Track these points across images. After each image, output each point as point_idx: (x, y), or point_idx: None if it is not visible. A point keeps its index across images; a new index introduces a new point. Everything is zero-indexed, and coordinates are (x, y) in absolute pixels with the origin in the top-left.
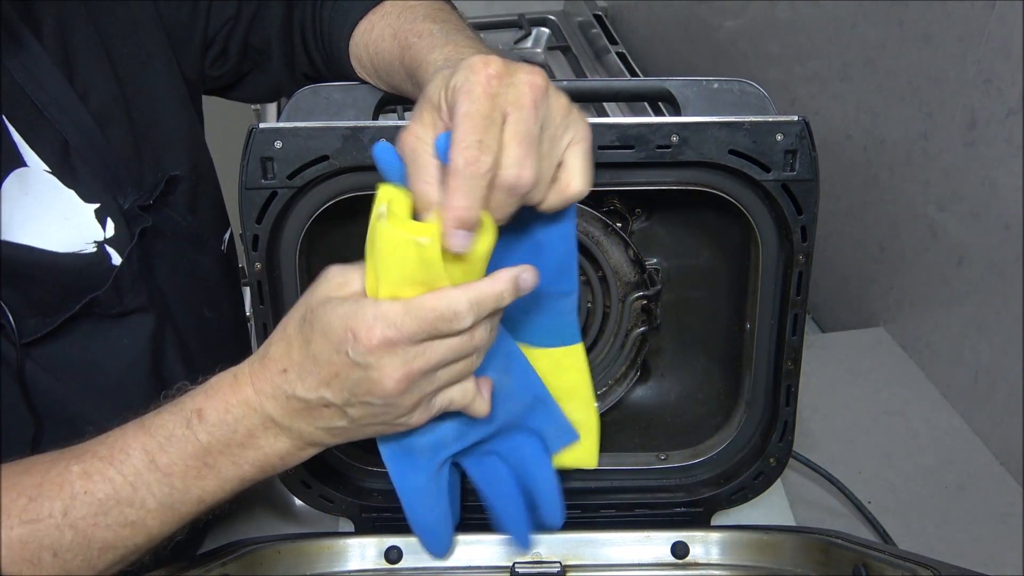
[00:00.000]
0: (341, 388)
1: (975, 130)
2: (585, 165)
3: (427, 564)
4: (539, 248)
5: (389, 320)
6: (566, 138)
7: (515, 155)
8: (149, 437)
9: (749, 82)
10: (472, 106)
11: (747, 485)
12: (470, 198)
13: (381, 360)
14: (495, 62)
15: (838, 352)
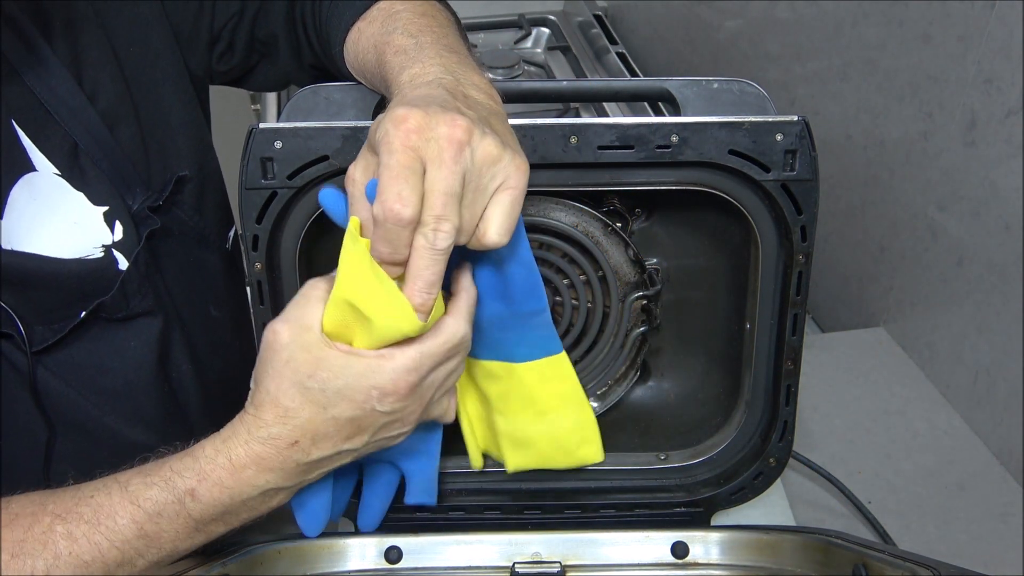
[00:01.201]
0: (364, 436)
1: (975, 130)
2: (506, 216)
3: (427, 564)
4: (500, 271)
5: (410, 367)
6: (492, 187)
7: (433, 212)
8: (138, 509)
9: (749, 82)
10: (391, 159)
11: (747, 485)
12: (392, 245)
13: (407, 402)
14: (415, 116)
15: (838, 352)
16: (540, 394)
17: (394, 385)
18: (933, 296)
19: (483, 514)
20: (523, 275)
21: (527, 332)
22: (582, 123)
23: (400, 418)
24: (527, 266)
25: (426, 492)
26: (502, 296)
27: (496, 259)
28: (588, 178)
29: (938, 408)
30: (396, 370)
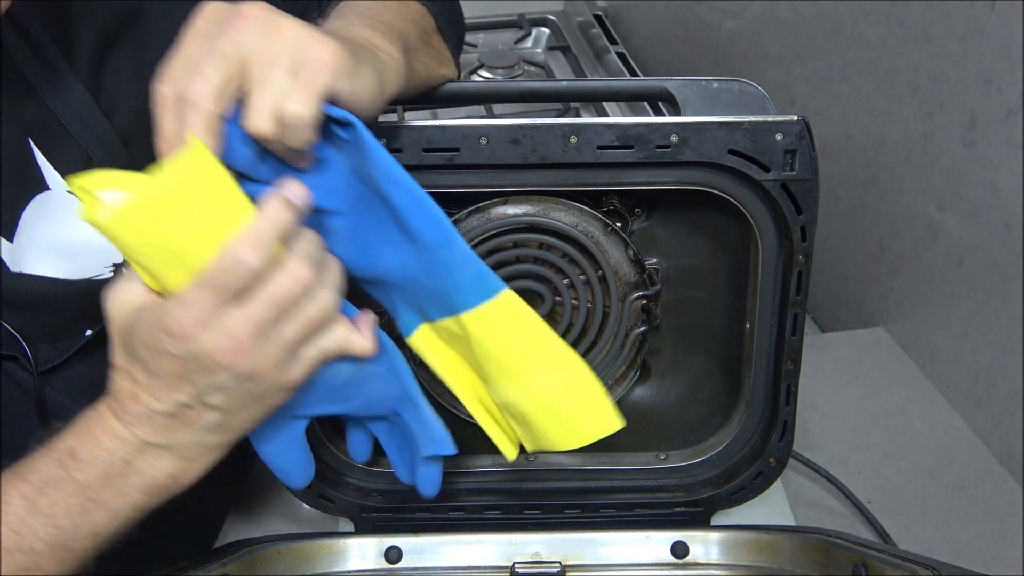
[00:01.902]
0: (188, 385)
1: (975, 130)
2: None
3: (427, 564)
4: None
5: (186, 303)
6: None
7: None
8: (25, 483)
9: (749, 82)
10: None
11: (747, 485)
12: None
13: (202, 342)
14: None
15: (838, 352)
16: (498, 350)
17: (176, 323)
18: (933, 296)
19: (483, 514)
20: (402, 197)
21: (452, 275)
22: (582, 123)
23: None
24: (403, 185)
25: (434, 441)
26: (402, 231)
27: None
28: (588, 178)
29: (938, 408)
30: (174, 305)
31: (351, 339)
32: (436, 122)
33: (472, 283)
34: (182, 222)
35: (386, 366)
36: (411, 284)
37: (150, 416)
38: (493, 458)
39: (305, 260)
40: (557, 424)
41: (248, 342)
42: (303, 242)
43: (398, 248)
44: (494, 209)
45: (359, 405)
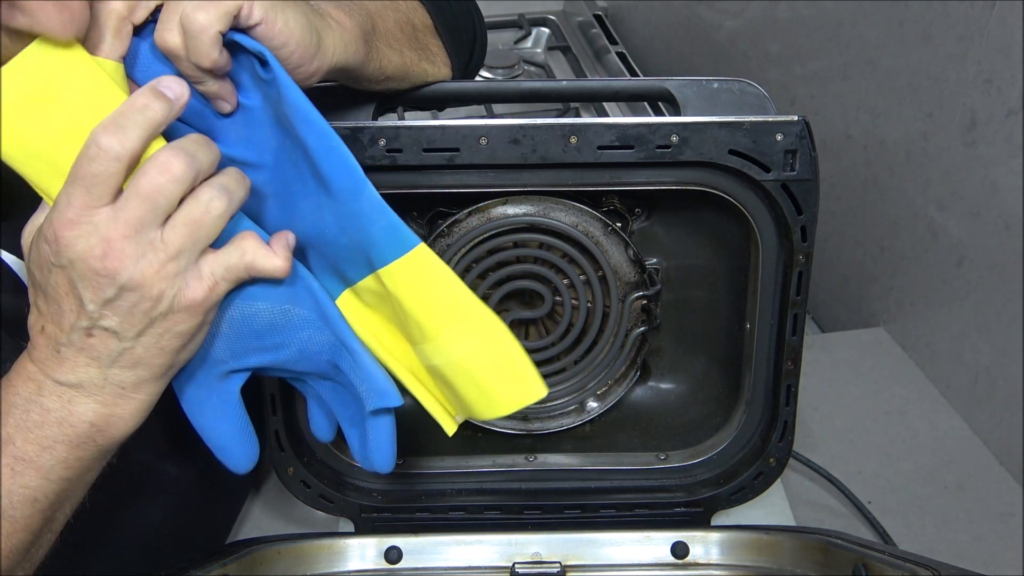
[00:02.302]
0: (79, 302)
1: (975, 130)
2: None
3: (427, 564)
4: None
5: (58, 204)
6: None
7: None
8: None
9: (749, 82)
10: None
11: (747, 485)
12: None
13: (73, 244)
14: None
15: (838, 352)
16: (416, 308)
17: (52, 230)
18: (933, 296)
19: (483, 514)
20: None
21: (364, 226)
22: (582, 123)
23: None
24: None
25: (377, 392)
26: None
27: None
28: (588, 178)
29: (938, 408)
30: (51, 213)
31: (259, 255)
32: (436, 122)
33: (385, 237)
34: (51, 121)
35: (313, 310)
36: (328, 242)
37: (56, 350)
38: (493, 458)
39: (179, 153)
40: (480, 390)
41: (121, 243)
42: (186, 141)
43: (314, 201)
44: (494, 209)
45: (292, 356)
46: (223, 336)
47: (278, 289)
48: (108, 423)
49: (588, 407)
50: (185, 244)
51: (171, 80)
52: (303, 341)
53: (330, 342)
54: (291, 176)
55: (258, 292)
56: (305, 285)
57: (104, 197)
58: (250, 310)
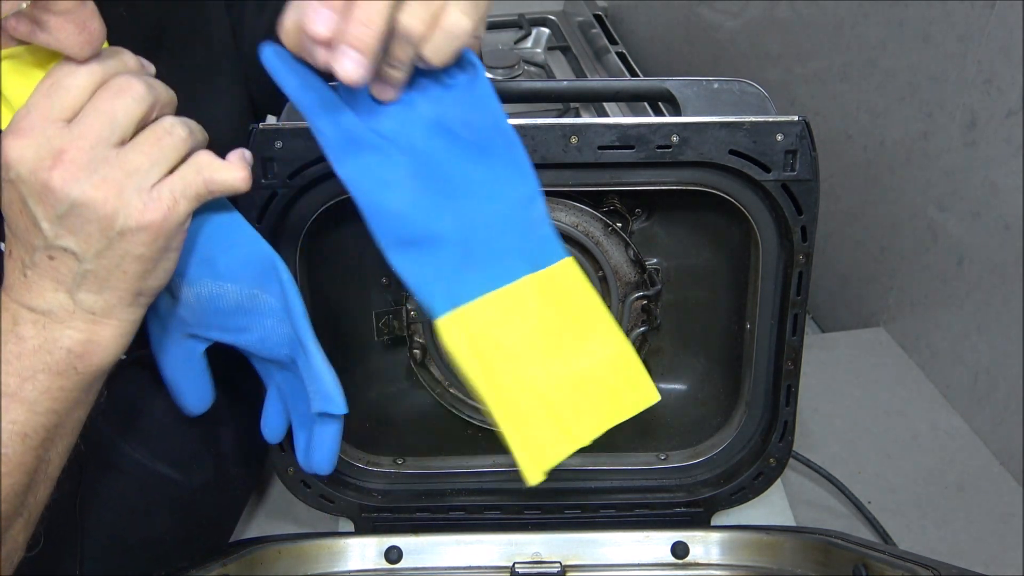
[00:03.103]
0: (33, 220)
1: (975, 130)
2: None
3: (427, 564)
4: (480, 150)
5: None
6: None
7: None
8: None
9: (749, 82)
10: None
11: (747, 485)
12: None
13: (23, 156)
14: None
15: (838, 352)
16: (562, 314)
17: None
18: (933, 296)
19: (483, 514)
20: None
21: (526, 232)
22: (582, 123)
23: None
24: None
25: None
26: (486, 184)
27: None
28: (588, 178)
29: (938, 408)
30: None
31: (216, 167)
32: None
33: (543, 244)
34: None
35: (280, 300)
36: (470, 242)
37: (23, 274)
38: (493, 458)
39: (139, 78)
40: (610, 394)
41: (74, 154)
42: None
43: (468, 201)
44: None
45: (255, 340)
46: (190, 307)
47: (248, 271)
48: (86, 349)
49: None
50: (142, 163)
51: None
52: (265, 328)
53: (290, 336)
54: (442, 174)
55: (228, 272)
56: (276, 274)
57: (64, 111)
58: (219, 290)
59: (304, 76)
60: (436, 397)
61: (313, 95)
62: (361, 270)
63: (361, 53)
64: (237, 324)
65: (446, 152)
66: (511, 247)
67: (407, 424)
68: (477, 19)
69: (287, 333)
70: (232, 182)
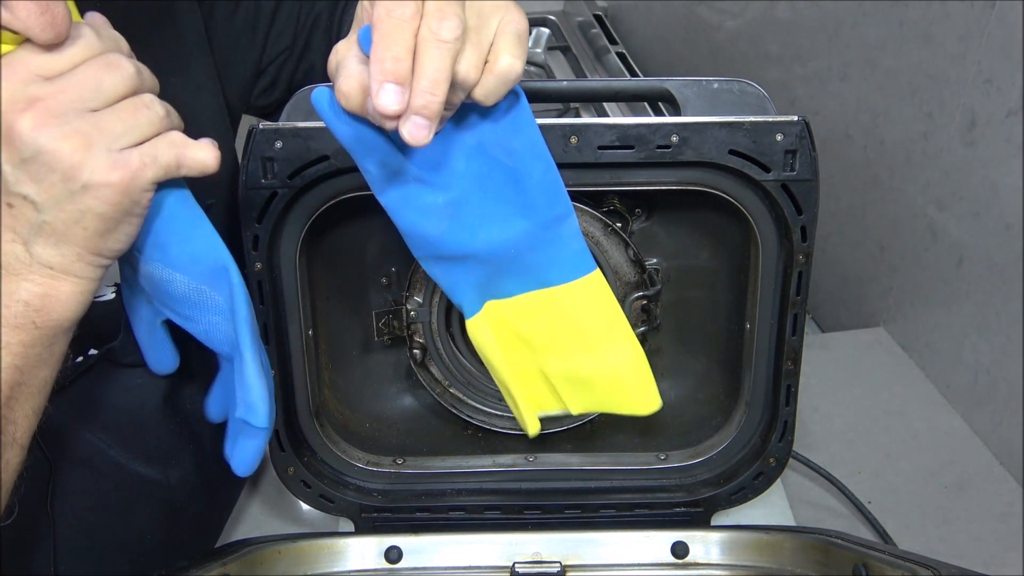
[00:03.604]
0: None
1: (975, 130)
2: (515, 41)
3: (427, 564)
4: (516, 176)
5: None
6: (494, 18)
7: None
8: None
9: (749, 82)
10: None
11: (747, 485)
12: (396, 46)
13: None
14: None
15: (838, 352)
16: (585, 321)
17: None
18: (933, 296)
19: (483, 514)
20: (541, 170)
21: (558, 248)
22: (582, 123)
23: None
24: (543, 159)
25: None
26: (521, 206)
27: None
28: (588, 178)
29: (938, 408)
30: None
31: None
32: None
33: (574, 258)
34: None
35: (227, 300)
36: (503, 259)
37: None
38: (493, 458)
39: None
40: (616, 391)
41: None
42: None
43: (503, 223)
44: None
45: (199, 331)
46: (146, 281)
47: (199, 267)
48: (44, 304)
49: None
50: (116, 126)
51: None
52: (210, 323)
53: (232, 337)
54: (475, 198)
55: (180, 263)
56: (227, 276)
57: (47, 70)
58: (168, 275)
59: (352, 124)
60: (436, 397)
61: (362, 140)
62: (361, 270)
63: (429, 119)
64: (184, 312)
65: (485, 176)
66: (542, 261)
67: (407, 424)
68: (524, 58)
69: (229, 333)
70: (203, 159)
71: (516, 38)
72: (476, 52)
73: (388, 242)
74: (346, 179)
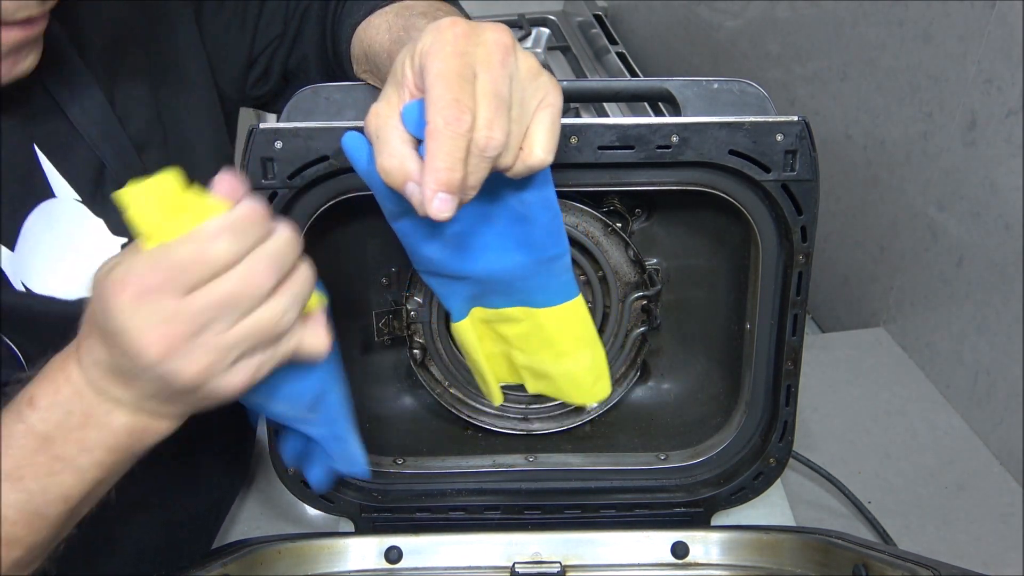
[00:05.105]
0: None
1: (975, 130)
2: (549, 133)
3: (427, 564)
4: (523, 218)
5: (138, 270)
6: (533, 103)
7: (486, 115)
8: None
9: (749, 82)
10: (444, 65)
11: (747, 485)
12: (452, 158)
13: (135, 316)
14: (461, 22)
15: (838, 352)
16: (559, 338)
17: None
18: (933, 296)
19: (483, 514)
20: (548, 218)
21: (548, 279)
22: (582, 123)
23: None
24: (552, 208)
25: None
26: (524, 244)
27: (522, 203)
28: (588, 178)
29: (938, 408)
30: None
31: (307, 337)
32: None
33: (559, 288)
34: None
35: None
36: (496, 282)
37: (94, 363)
38: (493, 458)
39: (269, 263)
40: (572, 387)
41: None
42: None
43: (503, 254)
44: None
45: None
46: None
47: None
48: (145, 433)
49: (588, 407)
50: (245, 346)
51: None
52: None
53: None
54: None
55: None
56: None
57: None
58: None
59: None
60: (436, 397)
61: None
62: (361, 270)
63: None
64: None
65: (494, 215)
66: (532, 287)
67: (407, 424)
68: (555, 148)
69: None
70: (318, 354)
71: (551, 127)
72: (514, 144)
73: (388, 242)
74: (346, 179)
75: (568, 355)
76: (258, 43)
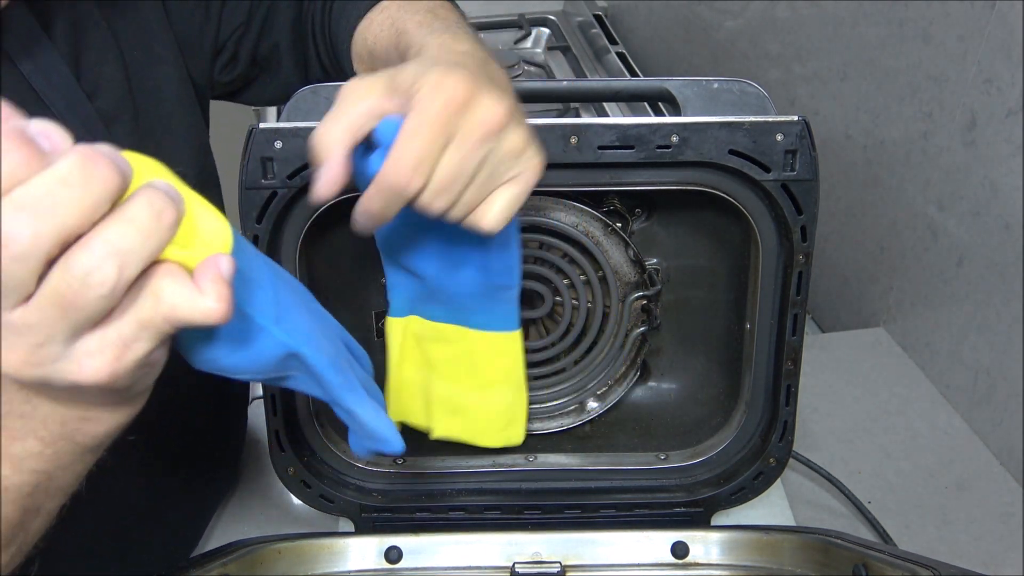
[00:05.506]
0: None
1: (975, 130)
2: (507, 206)
3: (427, 564)
4: (482, 244)
5: None
6: (507, 175)
7: (439, 183)
8: None
9: (749, 82)
10: (422, 126)
11: (747, 485)
12: (386, 208)
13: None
14: (464, 84)
15: (838, 352)
16: (486, 366)
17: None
18: (933, 296)
19: (483, 514)
20: (504, 254)
21: (493, 304)
22: (582, 123)
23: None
24: (508, 247)
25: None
26: (478, 266)
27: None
28: (588, 178)
29: (938, 408)
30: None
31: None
32: None
33: (501, 316)
34: None
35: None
36: (443, 291)
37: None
38: (493, 458)
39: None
40: (485, 426)
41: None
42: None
43: (459, 267)
44: None
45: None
46: None
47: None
48: (81, 424)
49: (588, 407)
50: (57, 325)
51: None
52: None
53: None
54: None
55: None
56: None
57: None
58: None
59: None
60: None
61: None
62: (361, 270)
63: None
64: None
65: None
66: (475, 307)
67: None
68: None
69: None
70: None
71: (512, 202)
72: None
73: None
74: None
75: (490, 388)
76: (223, 30)
